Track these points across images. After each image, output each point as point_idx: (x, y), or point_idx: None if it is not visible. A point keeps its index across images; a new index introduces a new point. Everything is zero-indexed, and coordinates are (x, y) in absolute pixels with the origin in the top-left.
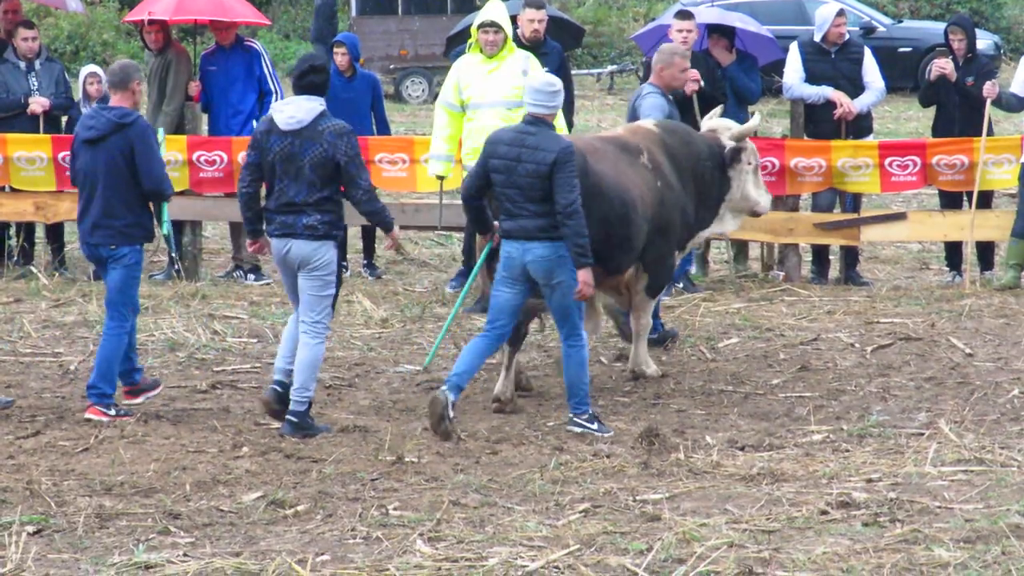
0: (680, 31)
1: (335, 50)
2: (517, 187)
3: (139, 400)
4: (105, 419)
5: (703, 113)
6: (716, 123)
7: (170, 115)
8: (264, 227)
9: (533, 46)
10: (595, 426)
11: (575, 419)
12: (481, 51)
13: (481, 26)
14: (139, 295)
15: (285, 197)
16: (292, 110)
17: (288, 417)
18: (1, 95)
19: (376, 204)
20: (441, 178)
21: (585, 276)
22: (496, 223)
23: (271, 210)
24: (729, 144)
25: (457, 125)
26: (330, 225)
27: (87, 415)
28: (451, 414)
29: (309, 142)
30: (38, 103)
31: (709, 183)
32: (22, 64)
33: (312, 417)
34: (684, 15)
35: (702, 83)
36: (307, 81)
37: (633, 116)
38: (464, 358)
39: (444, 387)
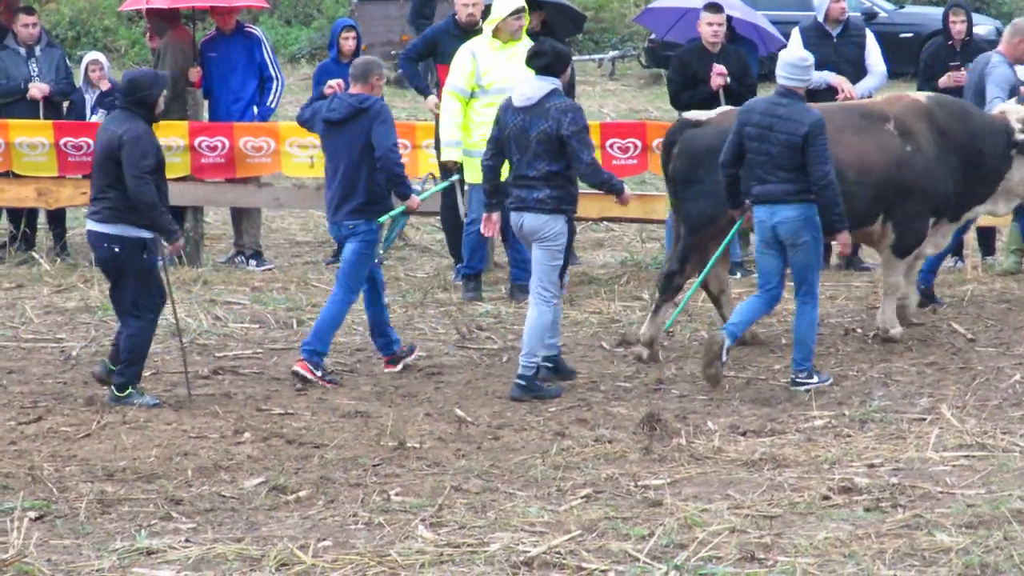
0: (711, 24)
1: (344, 35)
2: (767, 155)
3: (398, 368)
4: (311, 377)
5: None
6: (1007, 107)
7: None
8: (498, 201)
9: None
10: (815, 380)
11: (796, 379)
12: (496, 36)
13: (515, 12)
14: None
15: (519, 171)
16: (525, 88)
17: (516, 380)
18: (1, 81)
19: (602, 175)
20: (457, 164)
21: (844, 238)
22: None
23: (510, 184)
24: (1017, 127)
25: (465, 112)
26: (559, 200)
27: (295, 368)
28: (724, 358)
29: (537, 118)
30: (38, 89)
31: (984, 159)
32: (22, 50)
33: (541, 380)
34: (715, 8)
35: (728, 78)
36: (541, 63)
37: (980, 84)
38: (740, 310)
39: (722, 330)
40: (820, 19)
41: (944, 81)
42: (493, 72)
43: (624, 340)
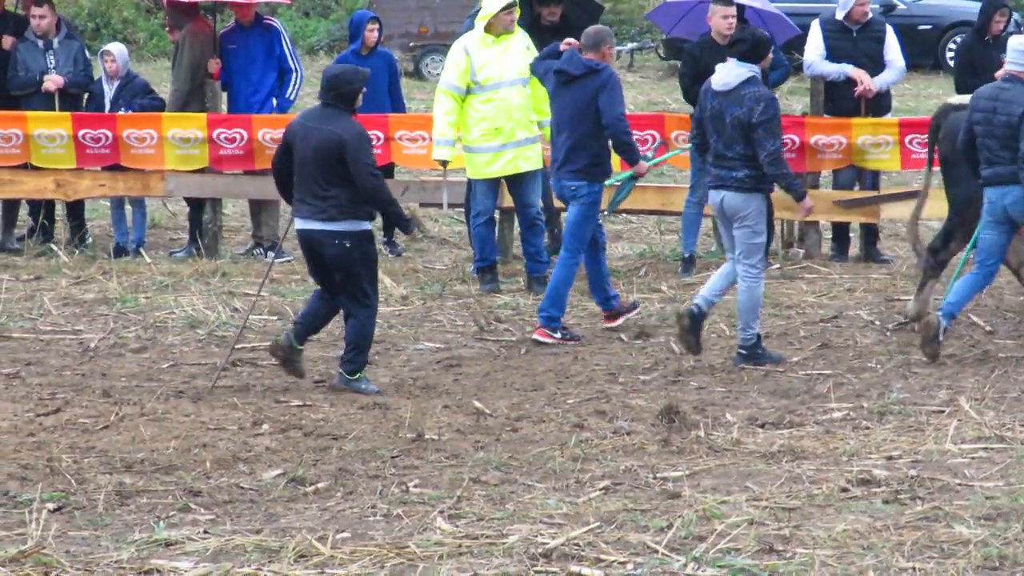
0: (725, 17)
1: (369, 26)
2: (994, 136)
3: (619, 323)
4: (550, 341)
5: None
6: None
7: (174, 93)
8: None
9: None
10: None
11: None
12: (488, 31)
13: (507, 7)
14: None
15: (718, 151)
16: (724, 73)
17: (739, 350)
18: (19, 73)
19: (781, 168)
20: (445, 163)
21: None
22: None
23: (710, 163)
24: None
25: (459, 109)
26: (757, 179)
27: (535, 336)
28: (941, 337)
29: (732, 103)
30: (52, 81)
31: None
32: (40, 42)
33: (763, 348)
34: (726, 0)
35: None
36: (741, 50)
37: None
38: (956, 289)
39: (939, 312)
40: (840, 17)
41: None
42: (488, 67)
43: (642, 332)
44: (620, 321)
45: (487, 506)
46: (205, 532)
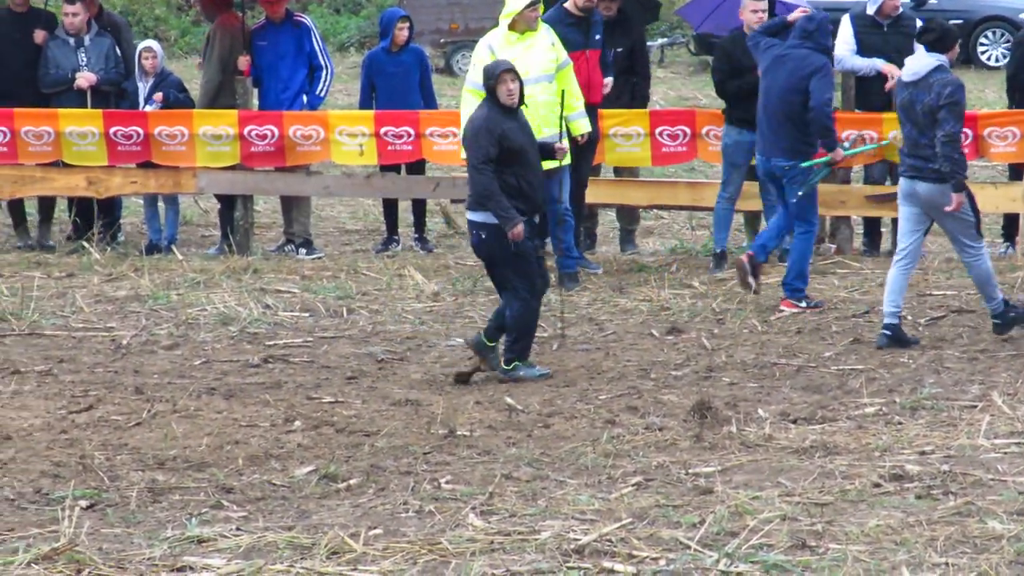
0: (755, 12)
1: (399, 24)
2: None
3: (792, 310)
4: (795, 310)
5: None
6: None
7: (205, 85)
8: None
9: (587, 14)
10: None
11: None
12: (512, 29)
13: (531, 4)
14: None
15: (911, 140)
16: (913, 63)
17: (993, 322)
18: (50, 71)
19: (952, 152)
20: None
21: None
22: None
23: (903, 153)
24: None
25: None
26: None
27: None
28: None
29: (922, 92)
30: (84, 78)
31: None
32: (71, 40)
33: (1015, 310)
34: None
35: None
36: (929, 39)
37: None
38: None
39: None
40: (871, 12)
41: None
42: (514, 63)
43: (674, 328)
44: (794, 310)
45: (519, 502)
46: (237, 529)
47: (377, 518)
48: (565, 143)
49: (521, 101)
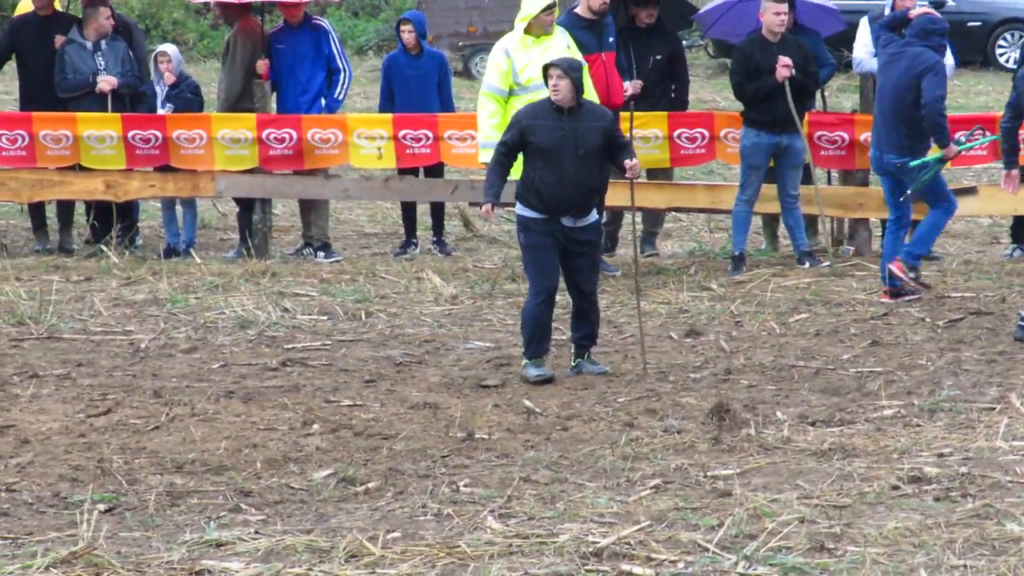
0: (777, 14)
1: (402, 27)
2: None
3: (896, 300)
4: (903, 277)
5: (796, 100)
6: None
7: (225, 92)
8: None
9: (600, 17)
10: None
11: None
12: (528, 32)
13: (547, 8)
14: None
15: None
16: None
17: None
18: (68, 75)
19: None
20: None
21: None
22: None
23: None
24: None
25: (503, 111)
26: None
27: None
28: None
29: None
30: (106, 82)
31: None
32: (89, 44)
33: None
34: None
35: (794, 70)
36: None
37: None
38: None
39: None
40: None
41: None
42: (530, 68)
43: (692, 330)
44: (901, 276)
45: (538, 505)
46: (256, 532)
47: (395, 521)
48: (636, 161)
49: (575, 102)
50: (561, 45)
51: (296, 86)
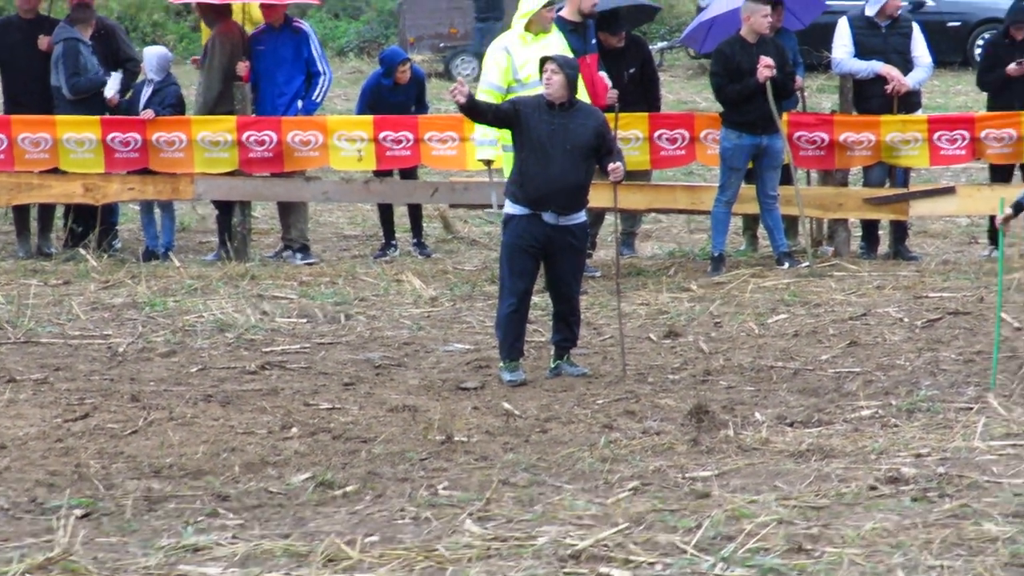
0: (765, 16)
1: (400, 68)
2: None
3: None
4: None
5: (776, 100)
6: None
7: (204, 95)
8: None
9: (590, 19)
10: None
11: None
12: (528, 29)
13: (548, 3)
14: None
15: None
16: None
17: None
18: (83, 75)
19: None
20: (489, 163)
21: None
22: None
23: None
24: None
25: None
26: None
27: None
28: None
29: None
30: (112, 88)
31: None
32: (91, 44)
33: None
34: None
35: (775, 71)
36: None
37: None
38: None
39: None
40: (871, 13)
41: (1013, 70)
42: (529, 65)
43: (671, 332)
44: None
45: (516, 508)
46: (234, 537)
47: (374, 525)
48: (620, 165)
49: (568, 101)
50: (559, 44)
51: (274, 88)
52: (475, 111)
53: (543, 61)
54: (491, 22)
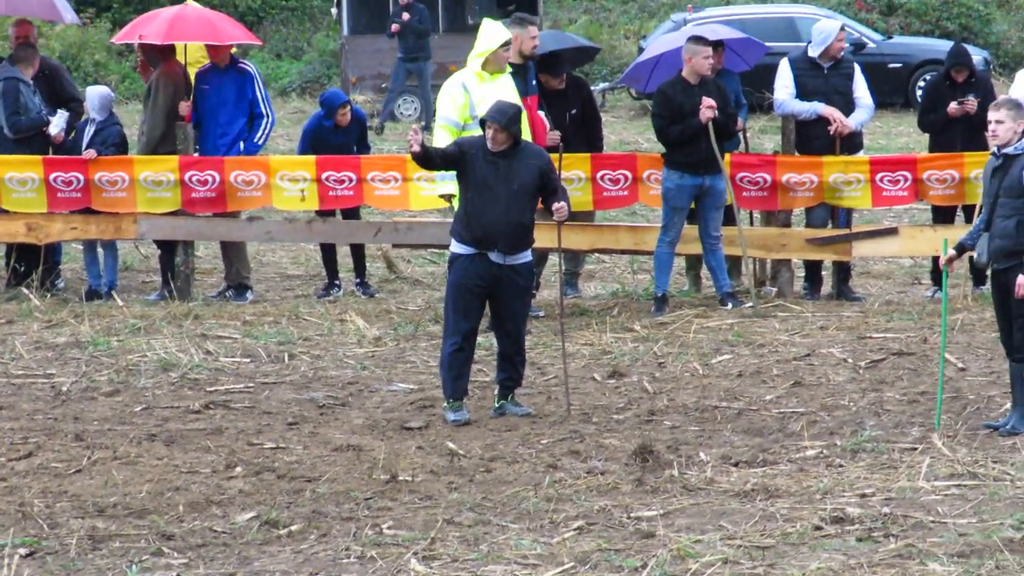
0: (707, 57)
1: (340, 110)
2: None
3: None
4: None
5: (719, 141)
6: None
7: (147, 135)
8: None
9: (531, 61)
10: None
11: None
12: (484, 68)
13: (505, 44)
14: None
15: None
16: None
17: None
18: (23, 115)
19: None
20: (450, 198)
21: None
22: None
23: None
24: None
25: None
26: None
27: None
28: None
29: None
30: (56, 126)
31: None
32: (31, 83)
33: None
34: (703, 40)
35: (717, 112)
36: None
37: None
38: None
39: None
40: (814, 54)
41: (954, 110)
42: (485, 103)
43: (615, 372)
44: None
45: (461, 547)
46: None
47: (319, 564)
48: (564, 204)
49: (511, 148)
50: (512, 83)
51: (216, 128)
52: (426, 158)
53: (482, 123)
54: (420, 62)
